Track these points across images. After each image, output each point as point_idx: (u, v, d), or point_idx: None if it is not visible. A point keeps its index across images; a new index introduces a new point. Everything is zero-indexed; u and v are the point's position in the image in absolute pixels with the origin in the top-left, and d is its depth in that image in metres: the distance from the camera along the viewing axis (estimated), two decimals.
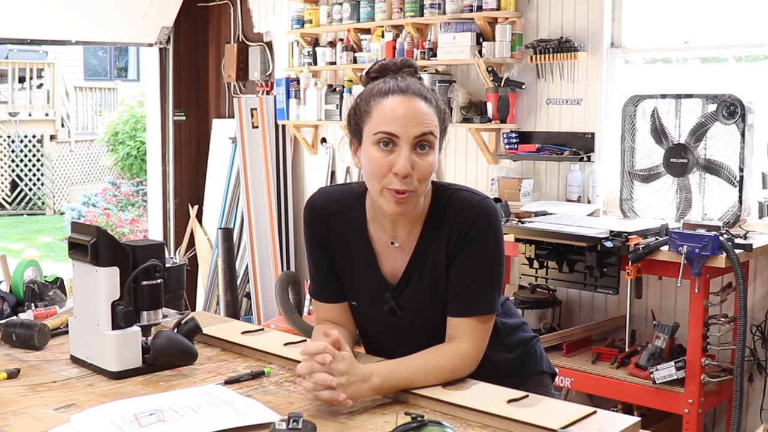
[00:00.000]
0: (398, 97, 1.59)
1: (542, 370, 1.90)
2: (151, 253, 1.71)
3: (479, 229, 1.64)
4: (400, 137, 1.57)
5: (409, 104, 1.58)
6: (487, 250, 1.65)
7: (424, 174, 1.59)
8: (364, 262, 1.74)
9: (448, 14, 4.17)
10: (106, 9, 5.29)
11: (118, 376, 1.67)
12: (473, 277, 1.65)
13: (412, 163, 1.57)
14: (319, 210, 1.77)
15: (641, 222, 3.49)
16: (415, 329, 1.73)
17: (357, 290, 1.77)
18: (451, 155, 4.47)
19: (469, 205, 1.65)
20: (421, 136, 1.58)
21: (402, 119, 1.57)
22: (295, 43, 5.04)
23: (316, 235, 1.77)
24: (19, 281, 2.20)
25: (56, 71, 12.71)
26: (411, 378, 1.55)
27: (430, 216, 1.69)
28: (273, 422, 1.34)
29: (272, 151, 5.27)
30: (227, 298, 5.14)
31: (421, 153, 1.58)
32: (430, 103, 1.61)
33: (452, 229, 1.65)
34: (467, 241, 1.64)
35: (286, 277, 3.82)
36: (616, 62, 3.93)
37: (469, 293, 1.65)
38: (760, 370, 3.49)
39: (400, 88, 1.61)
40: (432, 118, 1.60)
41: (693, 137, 3.44)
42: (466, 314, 1.65)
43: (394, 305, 1.72)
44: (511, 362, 1.81)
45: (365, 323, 1.81)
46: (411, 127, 1.57)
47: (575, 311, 4.00)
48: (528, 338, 1.89)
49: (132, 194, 10.24)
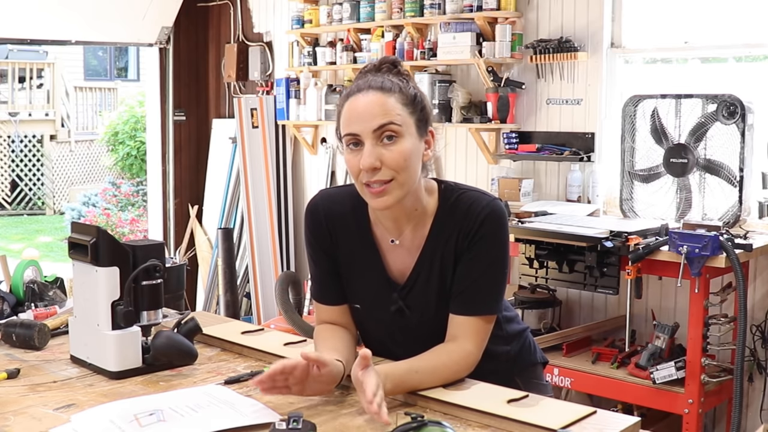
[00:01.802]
0: (357, 96, 1.60)
1: (536, 361, 1.92)
2: (151, 253, 1.71)
3: (488, 230, 1.64)
4: (361, 134, 1.58)
5: (365, 99, 1.59)
6: (494, 251, 1.65)
7: (395, 163, 1.58)
8: (369, 263, 1.73)
9: (448, 14, 4.17)
10: (106, 9, 5.29)
11: (118, 376, 1.67)
12: (479, 277, 1.65)
13: (378, 156, 1.57)
14: (322, 212, 1.76)
15: (641, 222, 3.49)
16: (421, 329, 1.73)
17: (361, 292, 1.76)
18: (451, 155, 4.47)
19: (479, 206, 1.65)
20: (380, 128, 1.57)
21: (359, 116, 1.58)
22: (295, 43, 5.04)
23: (319, 238, 1.76)
24: (19, 281, 2.20)
25: (56, 71, 12.71)
26: (420, 381, 1.55)
27: (438, 216, 1.69)
28: (273, 422, 1.34)
29: (272, 151, 5.27)
30: (227, 298, 5.14)
31: (388, 143, 1.58)
32: (389, 92, 1.59)
33: (461, 229, 1.65)
34: (475, 241, 1.64)
35: (286, 277, 3.82)
36: (616, 62, 3.92)
37: (473, 292, 1.65)
38: (760, 370, 3.49)
39: (360, 86, 1.61)
40: (391, 106, 1.58)
41: (693, 137, 3.44)
42: (469, 313, 1.65)
43: (402, 305, 1.72)
44: (508, 354, 1.82)
45: (369, 326, 1.80)
46: (368, 122, 1.57)
47: (575, 311, 4.00)
48: (522, 330, 1.90)
49: (132, 194, 10.24)
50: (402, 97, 1.61)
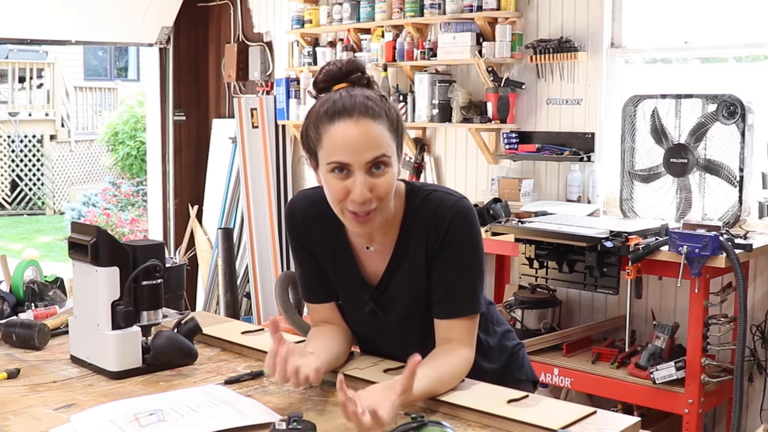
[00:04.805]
0: (345, 121, 1.53)
1: (522, 378, 1.88)
2: (151, 253, 1.71)
3: (458, 230, 1.63)
4: (352, 164, 1.53)
5: (357, 129, 1.52)
6: (467, 251, 1.65)
7: (383, 192, 1.56)
8: (345, 264, 1.74)
9: (448, 14, 4.17)
10: (106, 9, 5.29)
11: (118, 376, 1.67)
12: (457, 279, 1.64)
13: (369, 186, 1.54)
14: (298, 214, 1.75)
15: (641, 222, 3.49)
16: (399, 331, 1.73)
17: (340, 291, 1.77)
18: (451, 155, 4.47)
19: (445, 207, 1.64)
20: (373, 160, 1.54)
21: (352, 147, 1.52)
22: (295, 43, 5.04)
23: (297, 238, 1.76)
24: (19, 281, 2.20)
25: (56, 71, 12.71)
26: (432, 390, 1.52)
27: (405, 218, 1.68)
28: (273, 422, 1.34)
29: (272, 151, 5.27)
30: (227, 298, 5.14)
31: (377, 173, 1.54)
32: (377, 118, 1.55)
33: (430, 231, 1.64)
34: (447, 243, 1.63)
35: (286, 277, 3.82)
36: (616, 62, 3.92)
37: (453, 296, 1.65)
38: (760, 370, 3.49)
39: (347, 109, 1.54)
40: (383, 136, 1.55)
41: (693, 137, 3.44)
42: (456, 315, 1.65)
43: (374, 307, 1.72)
44: (492, 371, 1.79)
45: (351, 323, 1.81)
46: (362, 153, 1.52)
47: (575, 311, 4.00)
48: (511, 347, 1.88)
49: (132, 194, 10.24)
50: (388, 123, 1.57)
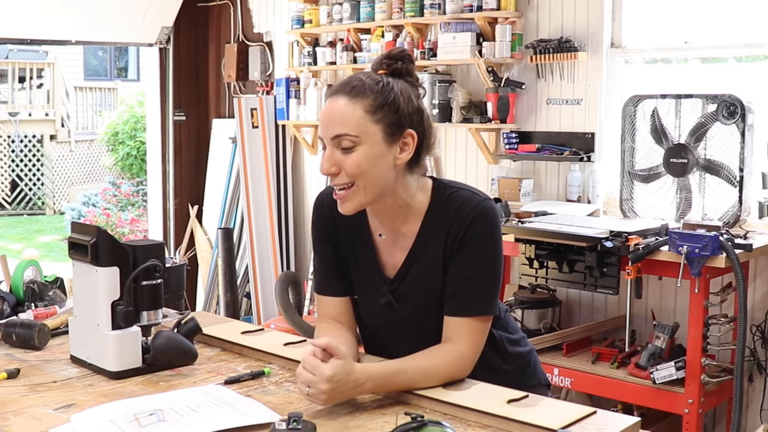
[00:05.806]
0: (330, 99, 1.64)
1: (534, 383, 1.88)
2: (151, 253, 1.71)
3: (478, 229, 1.64)
4: (324, 139, 1.63)
5: (331, 105, 1.62)
6: (485, 252, 1.65)
7: (351, 170, 1.60)
8: (364, 256, 1.76)
9: (448, 14, 4.17)
10: (106, 9, 5.29)
11: (118, 376, 1.67)
12: (471, 277, 1.65)
13: (336, 162, 1.61)
14: (326, 205, 1.79)
15: (641, 222, 3.49)
16: (412, 325, 1.74)
17: (357, 284, 1.79)
18: (451, 155, 4.47)
19: (469, 206, 1.65)
20: (335, 138, 1.60)
21: (325, 121, 1.62)
22: (295, 43, 5.04)
23: (322, 229, 1.81)
24: (19, 281, 2.20)
25: (56, 71, 12.70)
26: (410, 381, 1.55)
27: (429, 213, 1.70)
28: (273, 422, 1.34)
29: (272, 151, 5.27)
30: (227, 298, 5.14)
31: (345, 151, 1.60)
32: (357, 97, 1.60)
33: (451, 228, 1.66)
34: (466, 241, 1.64)
35: (286, 277, 3.83)
36: (616, 62, 3.92)
37: (466, 293, 1.65)
38: (760, 370, 3.49)
39: (337, 88, 1.64)
40: (353, 115, 1.59)
41: (693, 137, 3.44)
42: (463, 314, 1.65)
43: (390, 298, 1.74)
44: (506, 374, 1.79)
45: (365, 318, 1.82)
46: (328, 128, 1.62)
47: (575, 311, 4.00)
48: (524, 352, 1.88)
49: (132, 194, 10.23)
50: (369, 103, 1.60)
